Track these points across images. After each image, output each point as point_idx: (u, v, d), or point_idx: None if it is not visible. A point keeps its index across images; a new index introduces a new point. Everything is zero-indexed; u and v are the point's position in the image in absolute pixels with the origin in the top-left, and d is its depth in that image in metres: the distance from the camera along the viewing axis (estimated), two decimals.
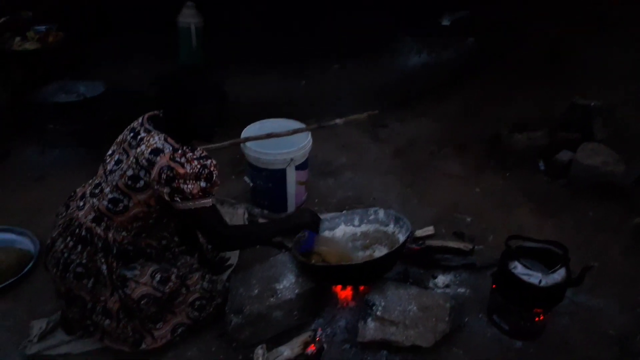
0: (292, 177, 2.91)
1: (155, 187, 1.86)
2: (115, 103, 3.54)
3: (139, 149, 1.89)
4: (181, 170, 1.83)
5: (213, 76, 2.04)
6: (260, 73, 4.28)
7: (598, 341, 2.31)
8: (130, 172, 1.89)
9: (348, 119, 2.94)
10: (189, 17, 4.02)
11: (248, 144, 2.85)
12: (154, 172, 1.84)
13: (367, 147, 3.93)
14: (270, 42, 4.34)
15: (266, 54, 4.38)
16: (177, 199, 1.86)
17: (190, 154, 1.88)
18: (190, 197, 1.87)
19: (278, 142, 2.89)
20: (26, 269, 2.57)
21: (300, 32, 4.28)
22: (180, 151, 1.87)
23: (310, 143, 2.96)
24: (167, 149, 1.86)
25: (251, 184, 3.03)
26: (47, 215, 2.91)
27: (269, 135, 2.80)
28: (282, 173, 2.88)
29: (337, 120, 2.91)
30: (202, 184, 1.88)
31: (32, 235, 2.77)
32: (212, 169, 1.91)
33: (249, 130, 2.99)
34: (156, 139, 1.89)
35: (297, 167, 2.91)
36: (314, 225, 2.34)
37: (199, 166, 1.87)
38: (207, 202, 1.92)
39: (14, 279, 2.51)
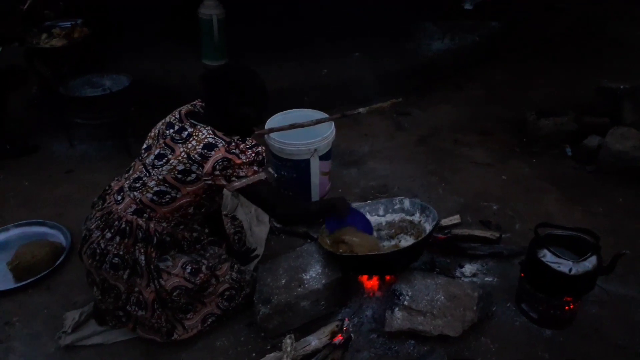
0: (316, 167, 2.91)
1: (208, 179, 1.95)
2: (141, 95, 3.57)
3: (189, 145, 1.95)
4: (237, 161, 1.94)
5: (256, 72, 2.10)
6: (282, 62, 4.27)
7: (629, 330, 2.28)
8: (181, 167, 1.95)
9: (371, 107, 2.92)
10: (210, 9, 4.01)
11: (272, 134, 2.85)
12: (208, 165, 1.92)
13: (390, 135, 3.90)
14: (291, 30, 4.32)
15: (287, 43, 4.37)
16: (234, 179, 1.97)
17: (243, 144, 1.98)
18: (245, 176, 1.98)
19: (301, 132, 2.88)
20: (59, 261, 2.63)
21: (320, 20, 4.25)
22: (233, 143, 1.96)
23: (334, 133, 2.95)
24: (221, 143, 1.94)
25: (275, 175, 3.04)
26: (77, 208, 2.98)
27: (292, 126, 2.80)
28: (306, 163, 2.88)
29: (361, 109, 2.89)
30: (255, 167, 2.00)
31: (64, 228, 2.83)
32: (264, 154, 2.04)
33: (272, 121, 2.99)
34: (205, 133, 1.96)
35: (321, 158, 2.90)
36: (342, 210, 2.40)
37: (253, 154, 1.98)
38: (262, 175, 2.02)
39: (47, 272, 2.57)
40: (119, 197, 2.08)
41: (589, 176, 3.37)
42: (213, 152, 1.92)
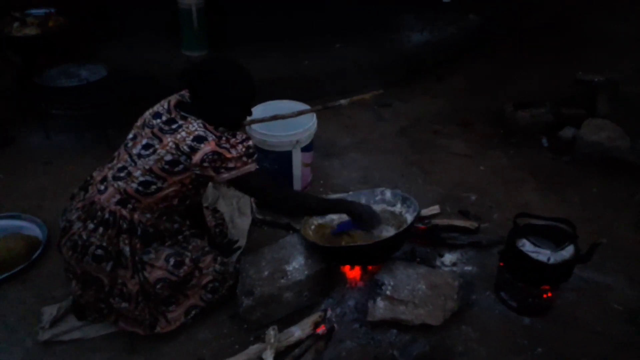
0: (298, 159, 2.90)
1: (196, 170, 1.93)
2: (119, 86, 3.51)
3: (178, 136, 1.92)
4: (228, 155, 1.93)
5: (242, 66, 2.06)
6: (263, 53, 4.23)
7: (606, 317, 2.34)
8: (169, 157, 1.92)
9: (352, 99, 2.92)
10: None
11: (253, 126, 2.84)
12: (197, 157, 1.90)
13: (371, 126, 3.91)
14: (272, 22, 4.29)
15: (268, 34, 4.33)
16: (222, 170, 1.95)
17: (233, 139, 1.97)
18: (234, 168, 1.95)
19: (283, 124, 2.87)
20: (35, 255, 2.57)
21: (302, 11, 4.22)
22: (224, 138, 1.95)
23: (316, 124, 2.95)
24: (211, 137, 1.92)
25: (257, 167, 3.02)
26: (54, 200, 2.93)
27: (273, 118, 2.78)
28: (288, 155, 2.87)
29: (342, 101, 2.89)
30: (245, 158, 1.98)
31: (40, 221, 2.77)
32: (254, 147, 2.04)
33: (253, 112, 2.96)
34: (195, 126, 1.94)
35: (303, 149, 2.90)
36: (369, 225, 2.34)
37: (243, 149, 1.97)
38: (252, 167, 2.00)
39: (23, 266, 2.52)
40: (102, 187, 2.04)
41: (565, 166, 3.43)
42: (203, 145, 1.90)
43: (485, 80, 4.55)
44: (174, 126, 1.96)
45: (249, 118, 2.85)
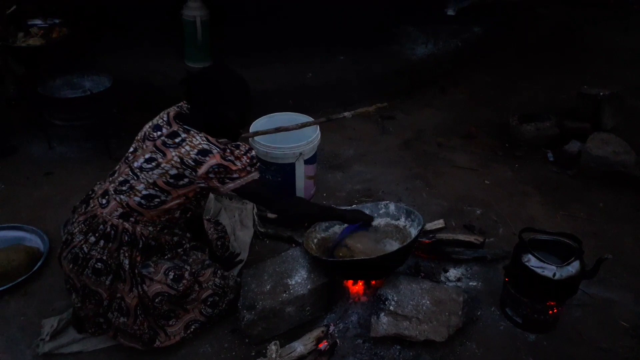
0: (301, 171, 2.89)
1: (201, 183, 1.95)
2: (122, 97, 3.51)
3: (182, 150, 1.93)
4: (233, 167, 1.96)
5: (238, 73, 2.10)
6: (266, 65, 4.24)
7: (612, 333, 2.31)
8: (173, 172, 1.93)
9: (356, 111, 2.92)
10: (194, 10, 3.96)
11: (257, 138, 2.83)
12: (202, 170, 1.92)
13: (375, 139, 3.90)
14: (275, 34, 4.30)
15: (271, 46, 4.34)
16: (228, 181, 1.97)
17: (237, 151, 1.99)
18: (238, 177, 1.98)
19: (286, 136, 2.87)
20: (36, 267, 2.56)
21: (305, 23, 4.23)
22: (228, 150, 1.96)
23: (319, 137, 2.94)
24: (215, 150, 1.94)
25: None
26: (56, 211, 2.92)
27: (277, 130, 2.78)
28: (291, 167, 2.86)
29: (346, 113, 2.89)
30: (249, 168, 2.02)
31: (42, 232, 2.76)
32: (257, 156, 2.08)
33: (257, 124, 2.97)
34: (199, 139, 1.95)
35: (306, 161, 2.89)
36: (367, 223, 2.49)
37: (248, 160, 2.00)
38: (255, 175, 2.03)
39: (25, 277, 2.50)
40: (104, 201, 2.03)
41: (570, 181, 3.41)
42: (207, 158, 1.91)
43: (488, 92, 4.55)
44: (177, 140, 1.96)
45: (252, 130, 2.88)
